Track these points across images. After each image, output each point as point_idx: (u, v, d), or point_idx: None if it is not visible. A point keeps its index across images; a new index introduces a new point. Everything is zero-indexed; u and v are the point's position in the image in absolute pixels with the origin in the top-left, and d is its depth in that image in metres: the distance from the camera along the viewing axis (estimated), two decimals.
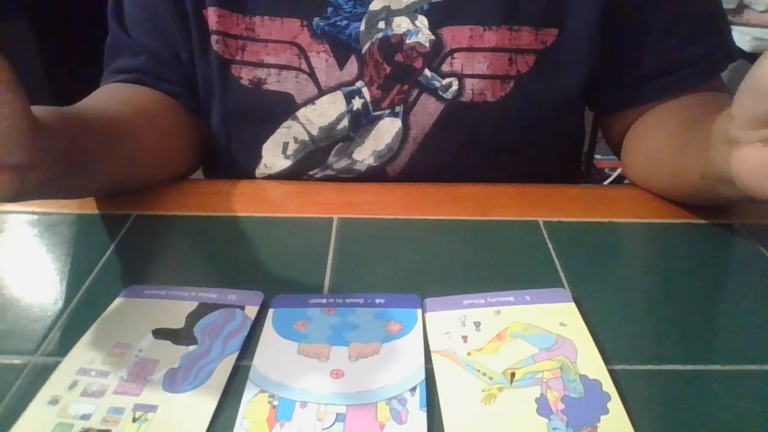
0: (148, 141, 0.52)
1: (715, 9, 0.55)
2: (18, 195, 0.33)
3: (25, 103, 0.32)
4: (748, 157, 0.35)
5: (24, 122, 0.31)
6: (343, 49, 0.53)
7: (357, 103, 0.54)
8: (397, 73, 0.53)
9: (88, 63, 0.65)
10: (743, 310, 0.40)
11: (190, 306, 0.39)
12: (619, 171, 1.62)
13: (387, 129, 0.55)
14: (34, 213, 0.49)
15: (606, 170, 1.66)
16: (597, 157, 1.53)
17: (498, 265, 0.44)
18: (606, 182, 1.60)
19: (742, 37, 1.43)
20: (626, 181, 0.59)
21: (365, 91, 0.54)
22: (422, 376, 0.34)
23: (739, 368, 0.35)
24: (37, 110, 0.34)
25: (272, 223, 0.49)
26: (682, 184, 0.48)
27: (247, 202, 0.52)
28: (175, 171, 0.57)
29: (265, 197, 0.53)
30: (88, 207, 0.50)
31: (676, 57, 0.54)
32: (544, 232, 0.47)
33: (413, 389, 0.33)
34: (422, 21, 0.52)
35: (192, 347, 0.36)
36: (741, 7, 1.54)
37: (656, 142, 0.52)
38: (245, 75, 0.55)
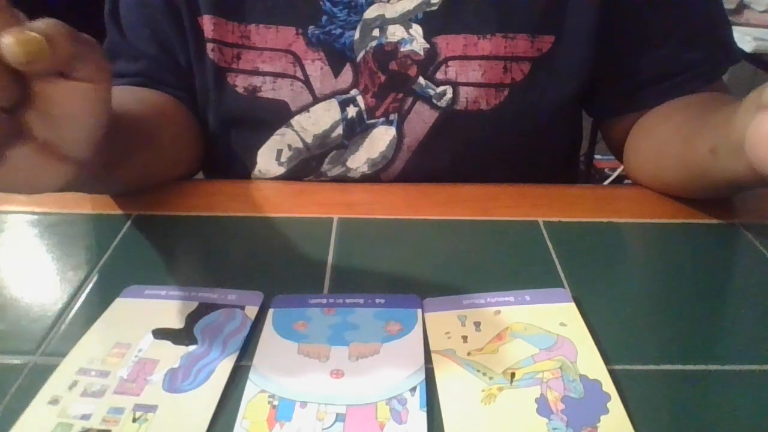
0: (167, 140, 0.53)
1: (715, 12, 0.55)
2: (65, 187, 0.32)
3: (111, 104, 0.32)
4: (766, 123, 0.33)
5: (104, 118, 0.31)
6: (337, 57, 0.53)
7: (351, 111, 0.54)
8: (391, 82, 0.53)
9: None
10: (743, 309, 0.40)
11: (190, 306, 0.39)
12: (619, 171, 1.62)
13: (381, 137, 0.55)
14: (34, 213, 0.49)
15: (606, 170, 1.66)
16: (597, 157, 1.53)
17: (498, 265, 0.44)
18: (606, 182, 1.60)
19: (742, 37, 1.43)
20: (626, 181, 0.59)
21: (360, 99, 0.54)
22: (422, 376, 0.34)
23: (739, 368, 0.35)
24: None
25: (272, 223, 0.49)
26: (688, 167, 0.47)
27: (247, 202, 0.52)
28: (185, 170, 0.58)
29: (265, 197, 0.53)
30: (88, 207, 0.50)
31: (675, 62, 0.54)
32: (544, 232, 0.47)
33: (413, 389, 0.33)
34: (416, 30, 0.52)
35: (192, 347, 0.36)
36: (741, 7, 1.54)
37: (663, 134, 0.52)
38: (240, 83, 0.55)
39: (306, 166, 0.57)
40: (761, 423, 0.32)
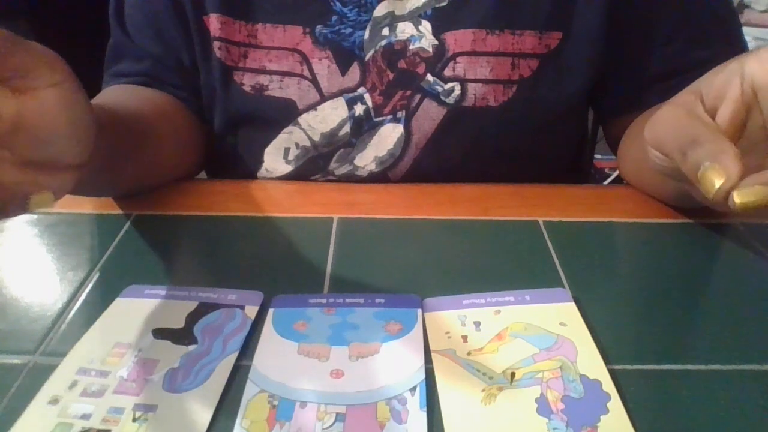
0: (169, 142, 0.53)
1: (723, 9, 0.54)
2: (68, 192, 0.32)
3: (87, 99, 0.31)
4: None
5: (88, 120, 0.31)
6: (345, 55, 0.53)
7: (359, 109, 0.54)
8: (399, 79, 0.53)
9: (89, 63, 0.65)
10: (743, 309, 0.40)
11: (190, 306, 0.39)
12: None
13: (389, 135, 0.55)
14: (34, 213, 0.49)
15: (606, 170, 1.66)
16: (597, 157, 1.53)
17: (498, 265, 0.44)
18: (606, 182, 1.60)
19: None
20: (626, 181, 0.59)
21: (367, 96, 0.54)
22: (422, 376, 0.34)
23: (739, 368, 0.35)
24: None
25: (272, 223, 0.49)
26: (666, 192, 0.48)
27: (247, 202, 0.52)
28: (187, 171, 0.58)
29: (265, 197, 0.53)
30: (88, 207, 0.50)
31: (681, 60, 0.53)
32: (544, 232, 0.47)
33: (413, 389, 0.33)
34: (426, 26, 0.52)
35: (192, 347, 0.36)
36: (741, 7, 1.54)
37: (639, 149, 0.52)
38: (247, 81, 0.55)
39: (313, 165, 0.57)
40: (761, 423, 0.32)
